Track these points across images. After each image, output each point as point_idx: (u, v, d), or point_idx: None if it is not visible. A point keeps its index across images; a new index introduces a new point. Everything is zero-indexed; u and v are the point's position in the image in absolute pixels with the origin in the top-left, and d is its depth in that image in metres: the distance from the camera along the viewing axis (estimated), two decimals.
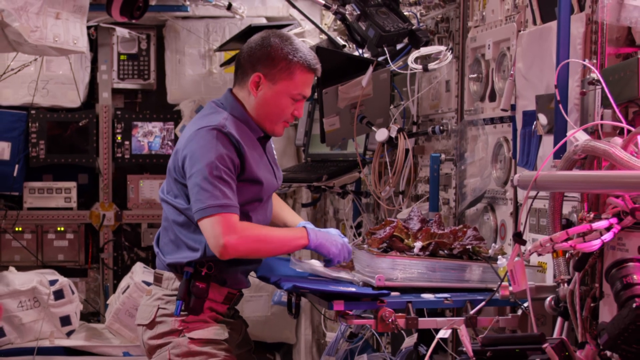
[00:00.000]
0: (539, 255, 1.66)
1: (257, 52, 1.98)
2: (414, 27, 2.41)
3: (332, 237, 2.00)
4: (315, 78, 2.08)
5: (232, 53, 3.44)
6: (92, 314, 3.77)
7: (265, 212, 2.05)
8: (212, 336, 1.97)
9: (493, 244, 2.09)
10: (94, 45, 3.71)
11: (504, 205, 2.19)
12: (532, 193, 1.59)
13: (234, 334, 2.06)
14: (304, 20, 3.27)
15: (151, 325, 2.00)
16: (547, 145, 1.83)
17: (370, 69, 2.42)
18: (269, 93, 1.98)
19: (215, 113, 2.00)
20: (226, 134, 1.92)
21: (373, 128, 2.48)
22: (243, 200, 1.94)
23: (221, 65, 3.59)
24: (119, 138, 3.77)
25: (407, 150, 2.45)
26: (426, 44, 2.42)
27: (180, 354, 1.96)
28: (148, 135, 3.80)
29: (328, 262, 2.01)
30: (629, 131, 1.53)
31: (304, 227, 2.01)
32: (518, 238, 1.62)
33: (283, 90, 1.98)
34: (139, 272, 3.43)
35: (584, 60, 1.70)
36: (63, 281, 3.39)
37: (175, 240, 2.01)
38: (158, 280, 2.04)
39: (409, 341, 2.22)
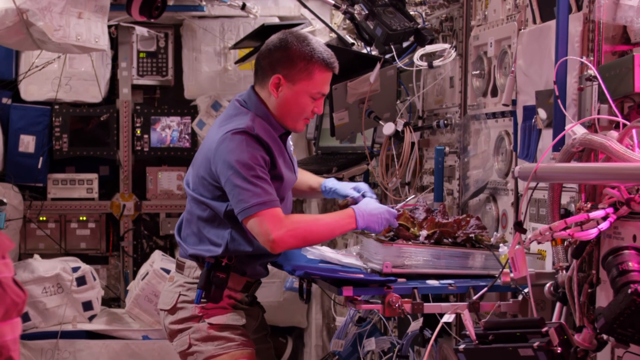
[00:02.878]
0: (539, 243, 1.70)
1: (275, 53, 1.97)
2: (419, 26, 2.43)
3: (377, 216, 1.96)
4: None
5: (246, 51, 3.46)
6: (113, 300, 3.83)
7: (286, 207, 2.06)
8: (230, 322, 2.02)
9: (495, 233, 2.12)
10: (114, 43, 3.75)
11: (505, 195, 2.22)
12: (532, 184, 1.62)
13: (251, 319, 2.10)
14: (315, 19, 3.26)
15: (172, 310, 2.06)
16: (547, 139, 1.87)
17: (378, 66, 2.44)
18: (289, 93, 1.97)
19: (241, 114, 2.00)
20: (254, 136, 1.92)
21: (380, 122, 2.50)
22: None
23: (236, 63, 3.60)
24: (139, 132, 3.81)
25: (412, 144, 2.47)
26: (431, 42, 2.44)
27: (200, 338, 2.01)
28: (166, 129, 3.85)
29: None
30: (624, 125, 1.54)
31: (352, 209, 1.97)
32: (519, 227, 1.64)
33: (303, 89, 1.97)
34: (158, 260, 3.47)
35: (582, 58, 1.72)
36: (85, 268, 3.44)
37: (198, 234, 2.04)
38: (180, 267, 2.08)
39: (415, 325, 2.23)
